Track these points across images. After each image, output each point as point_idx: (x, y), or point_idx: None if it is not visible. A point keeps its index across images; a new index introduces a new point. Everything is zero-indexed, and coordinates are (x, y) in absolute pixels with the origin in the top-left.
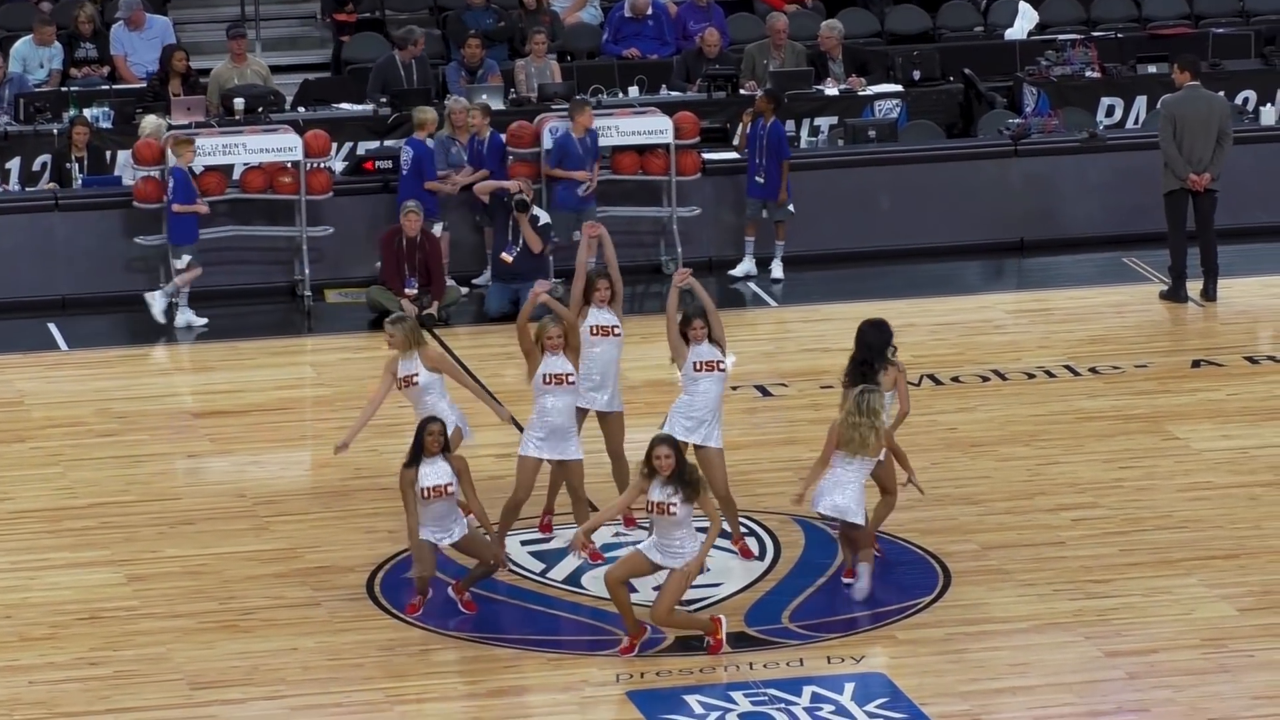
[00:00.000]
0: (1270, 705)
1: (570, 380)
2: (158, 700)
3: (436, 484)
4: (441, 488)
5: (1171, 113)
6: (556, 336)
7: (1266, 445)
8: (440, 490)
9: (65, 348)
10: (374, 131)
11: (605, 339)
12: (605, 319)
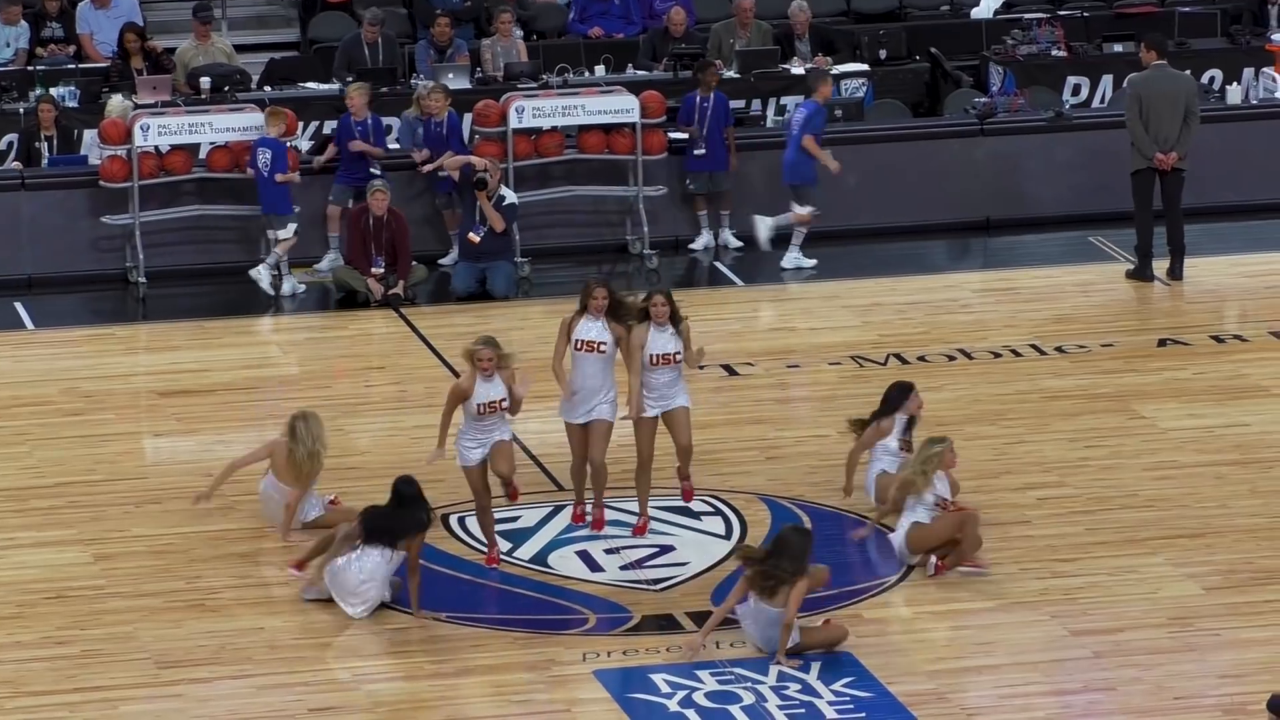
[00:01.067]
0: (1236, 684)
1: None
2: (124, 679)
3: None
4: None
5: (1138, 92)
6: (488, 359)
7: (1232, 424)
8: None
9: (32, 327)
10: (340, 110)
11: (590, 354)
12: (594, 334)
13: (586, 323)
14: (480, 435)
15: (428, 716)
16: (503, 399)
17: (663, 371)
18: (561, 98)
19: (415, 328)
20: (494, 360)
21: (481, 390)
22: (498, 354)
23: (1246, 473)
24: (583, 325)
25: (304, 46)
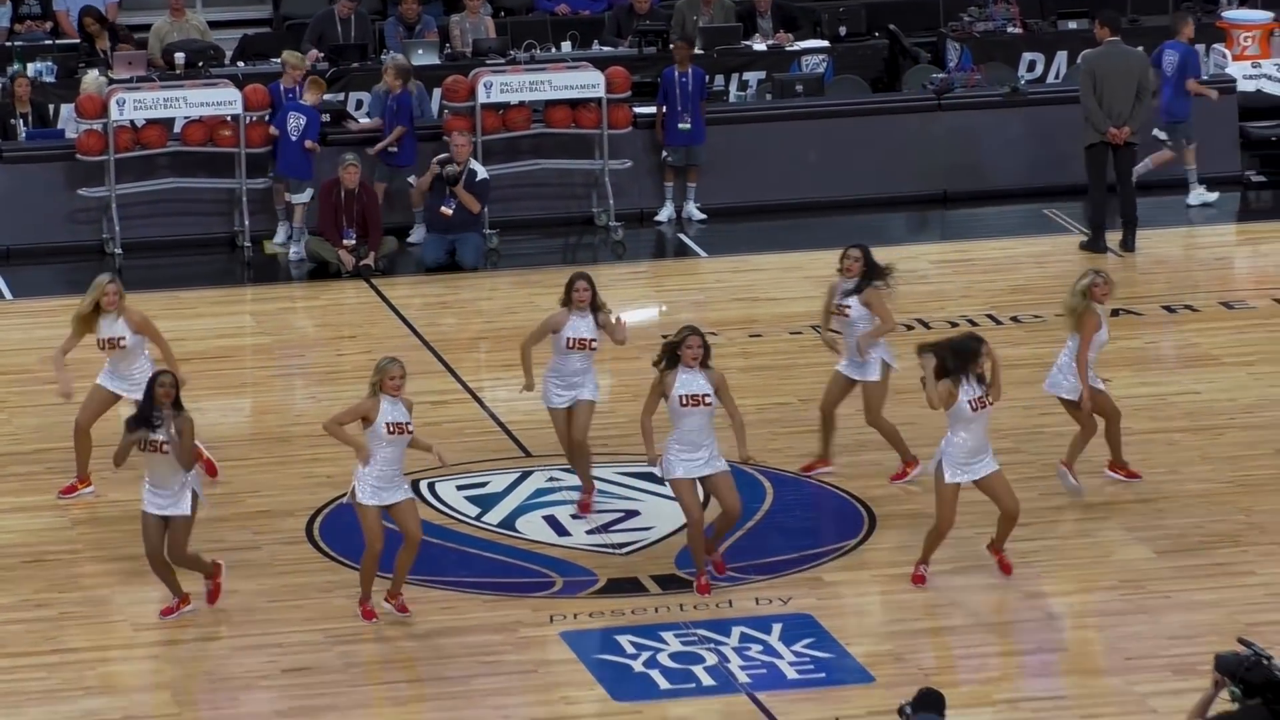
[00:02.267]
0: (1186, 645)
1: (410, 429)
2: (101, 641)
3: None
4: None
5: (1091, 68)
6: (399, 378)
7: (1183, 392)
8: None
9: (9, 297)
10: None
11: (580, 352)
12: (584, 331)
13: (576, 319)
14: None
15: (399, 675)
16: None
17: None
18: (529, 73)
19: (386, 298)
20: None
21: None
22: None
23: (1197, 439)
24: (573, 323)
25: (276, 23)
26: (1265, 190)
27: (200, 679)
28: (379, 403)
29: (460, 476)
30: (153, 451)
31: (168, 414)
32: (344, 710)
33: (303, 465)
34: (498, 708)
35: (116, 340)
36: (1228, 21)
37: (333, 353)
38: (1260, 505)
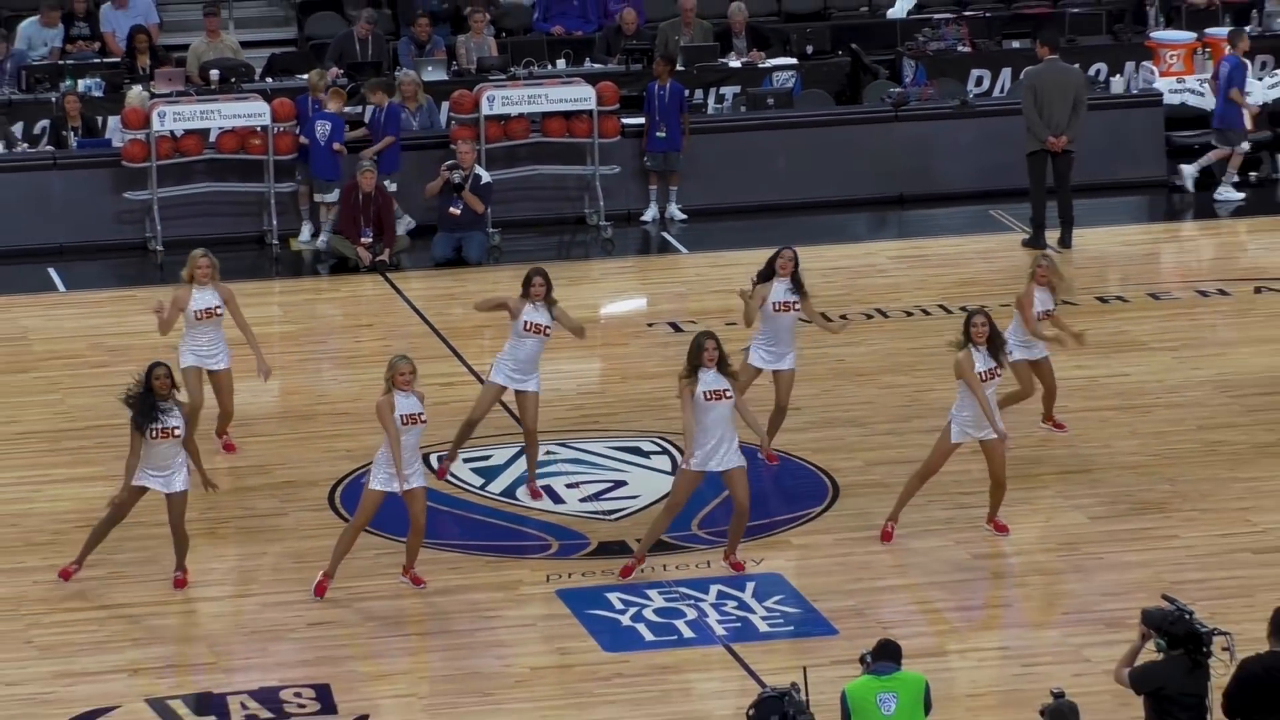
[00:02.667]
0: (1116, 600)
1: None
2: (146, 597)
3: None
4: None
5: (1033, 83)
6: (408, 373)
7: (1114, 374)
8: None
9: (63, 290)
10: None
11: (535, 336)
12: (540, 317)
13: (532, 308)
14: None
15: (412, 629)
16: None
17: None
18: (528, 88)
19: (399, 290)
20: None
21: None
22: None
23: (1126, 417)
24: (529, 309)
25: (300, 42)
26: (1188, 193)
27: (234, 631)
28: (393, 397)
29: (466, 450)
30: (164, 437)
31: (170, 402)
32: (362, 660)
33: (325, 440)
34: (500, 657)
35: (212, 309)
36: (1155, 41)
37: (352, 339)
38: (1183, 476)
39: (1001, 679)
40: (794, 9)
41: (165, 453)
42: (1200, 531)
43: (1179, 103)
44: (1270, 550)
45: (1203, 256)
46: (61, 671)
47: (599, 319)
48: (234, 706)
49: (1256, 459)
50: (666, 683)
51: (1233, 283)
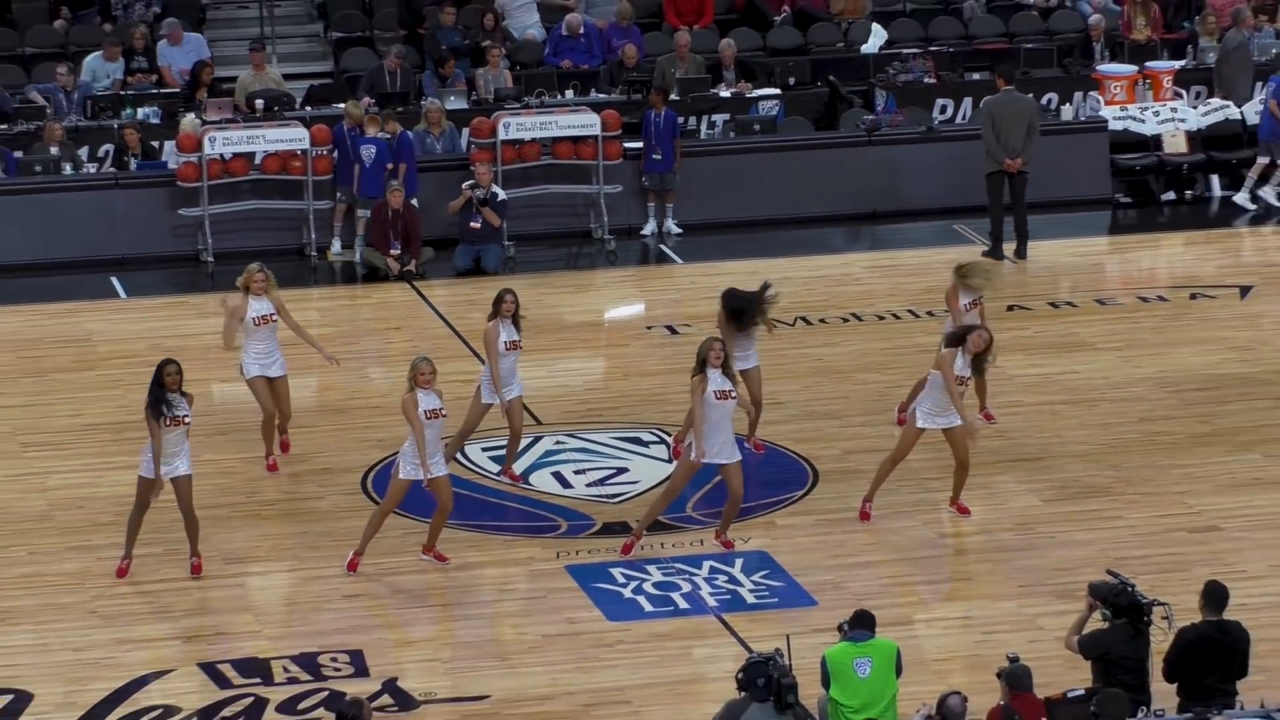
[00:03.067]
0: (1067, 575)
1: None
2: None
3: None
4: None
5: (991, 111)
6: (429, 373)
7: (1065, 372)
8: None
9: (124, 296)
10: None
11: (513, 352)
12: (513, 334)
13: (506, 327)
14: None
15: (436, 599)
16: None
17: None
18: (539, 115)
19: (425, 297)
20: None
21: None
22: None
23: (1075, 410)
24: (506, 329)
25: (336, 75)
26: (1130, 209)
27: (276, 602)
28: (416, 395)
29: (485, 441)
30: (174, 425)
31: (178, 395)
32: (391, 628)
33: (359, 431)
34: (515, 626)
35: (269, 317)
36: (1101, 74)
37: (382, 341)
38: (1127, 463)
39: (963, 645)
40: (778, 45)
41: (174, 440)
42: (1141, 513)
43: (1122, 129)
44: (1204, 529)
45: (1144, 266)
46: (122, 638)
47: (603, 322)
48: (276, 669)
49: (1192, 448)
50: (664, 649)
51: (1171, 289)
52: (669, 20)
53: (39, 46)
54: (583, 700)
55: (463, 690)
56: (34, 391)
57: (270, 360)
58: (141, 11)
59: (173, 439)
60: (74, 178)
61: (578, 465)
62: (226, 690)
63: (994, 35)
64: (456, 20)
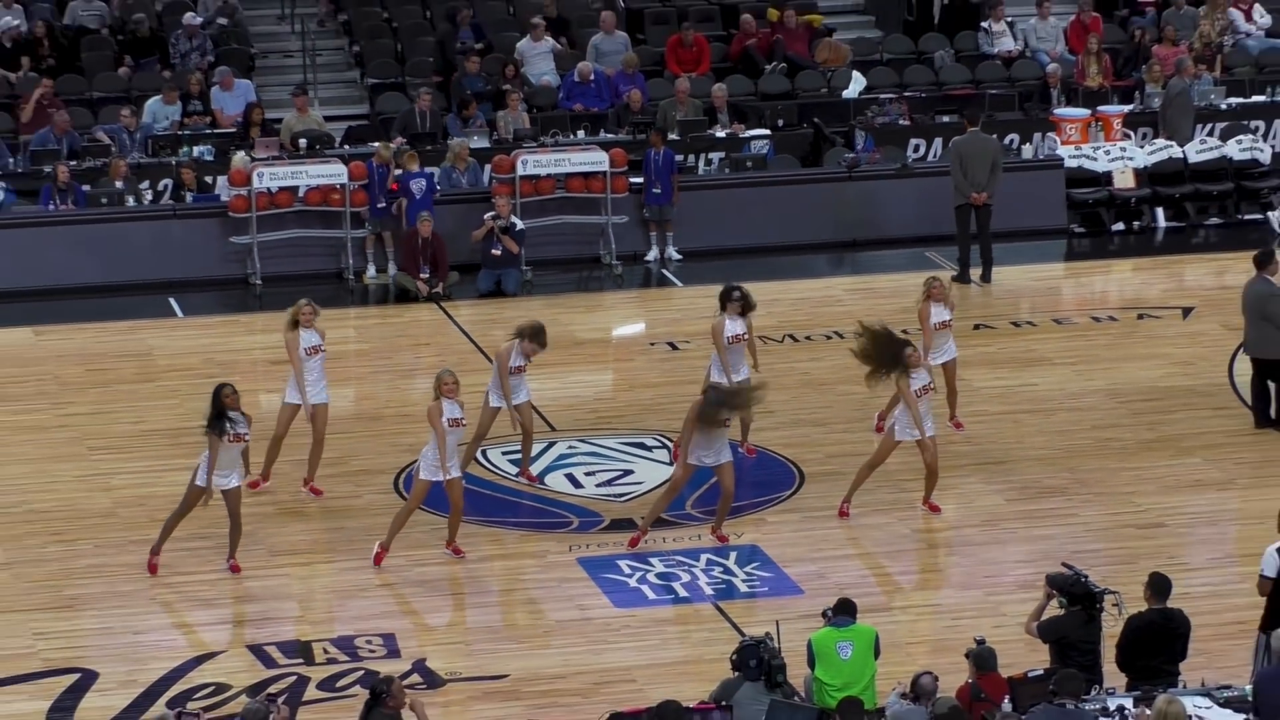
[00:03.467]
0: (1028, 567)
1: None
2: (247, 563)
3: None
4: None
5: (959, 150)
6: (451, 383)
7: (1025, 384)
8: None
9: (181, 315)
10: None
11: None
12: (520, 361)
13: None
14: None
15: (459, 588)
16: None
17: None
18: (554, 153)
19: (451, 316)
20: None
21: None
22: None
23: (1035, 419)
24: (515, 355)
25: (372, 117)
26: (1084, 239)
27: (318, 590)
28: (441, 404)
29: (504, 445)
30: (235, 441)
31: (238, 413)
32: (420, 613)
33: (391, 436)
34: (531, 611)
35: (318, 347)
36: (1057, 116)
37: (412, 356)
38: (1081, 466)
39: (934, 630)
40: (768, 90)
41: (231, 456)
42: (1095, 511)
43: (1076, 166)
44: (1151, 526)
45: (1096, 289)
46: (179, 622)
47: (611, 339)
48: (317, 651)
49: (1140, 452)
50: (665, 633)
51: (1120, 310)
52: (670, 68)
53: (105, 91)
54: (592, 679)
55: (484, 670)
56: (100, 401)
57: (315, 389)
58: (197, 60)
59: (230, 455)
60: (136, 209)
61: (588, 467)
62: (272, 669)
63: (962, 82)
64: (480, 68)
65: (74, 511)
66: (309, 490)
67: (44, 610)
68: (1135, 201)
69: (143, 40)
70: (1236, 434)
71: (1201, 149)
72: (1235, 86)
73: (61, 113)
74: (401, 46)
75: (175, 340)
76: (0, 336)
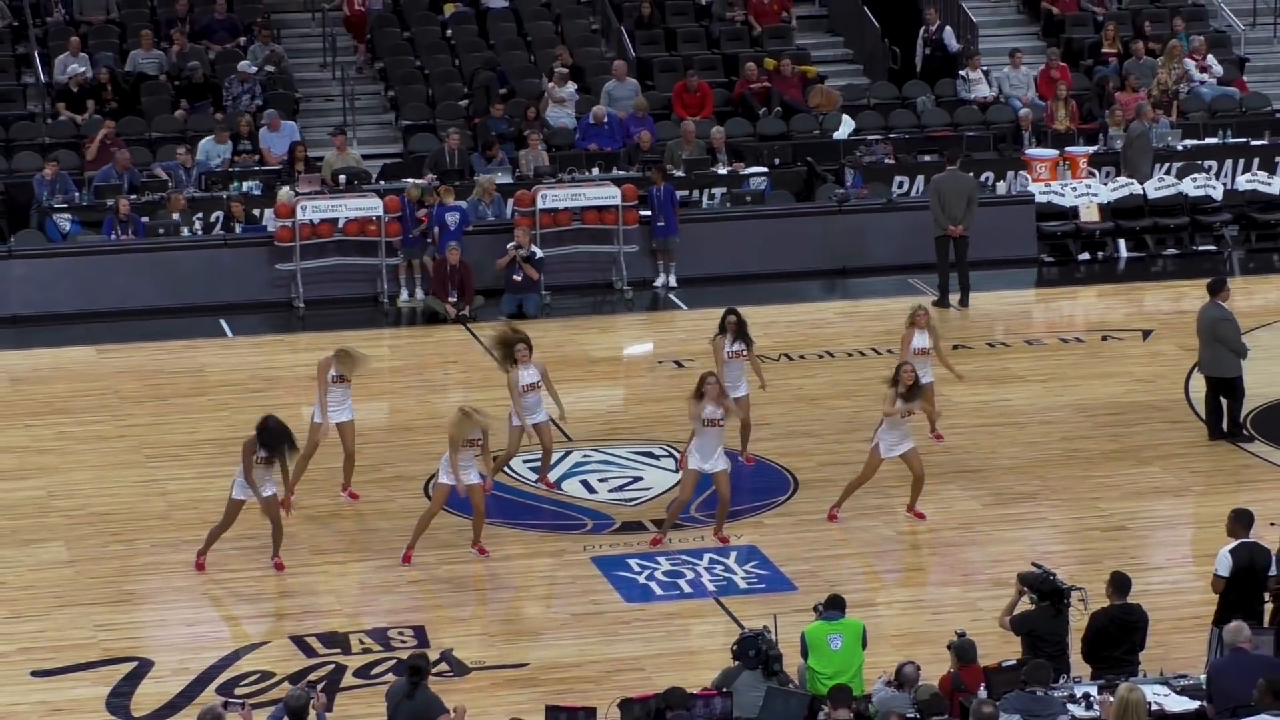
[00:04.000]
0: (1001, 566)
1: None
2: (290, 561)
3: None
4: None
5: (938, 187)
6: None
7: (1000, 399)
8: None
9: (230, 335)
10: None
11: (533, 392)
12: (531, 377)
13: (523, 371)
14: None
15: (484, 585)
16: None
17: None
18: (571, 189)
19: (477, 337)
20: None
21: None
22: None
23: (1009, 431)
24: (523, 374)
25: (405, 155)
26: (1053, 267)
27: (353, 586)
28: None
29: (525, 454)
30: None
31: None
32: (448, 608)
33: (421, 446)
34: (549, 605)
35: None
36: (1029, 156)
37: (441, 373)
38: (1051, 475)
39: (916, 624)
40: (765, 132)
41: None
42: (1062, 515)
43: (1046, 201)
44: (1114, 529)
45: (1064, 313)
46: (227, 616)
47: (622, 358)
48: (354, 641)
49: (1104, 462)
50: (671, 626)
51: (1086, 332)
52: (677, 112)
53: (162, 132)
54: (605, 668)
55: (506, 659)
56: (156, 413)
57: (341, 410)
58: (247, 103)
59: (262, 470)
60: (190, 239)
61: (601, 474)
62: (312, 659)
63: (942, 125)
64: (504, 111)
65: (132, 514)
66: (348, 495)
67: (104, 604)
68: (1099, 234)
69: (197, 86)
70: (1192, 446)
71: (1160, 186)
72: (1190, 129)
73: (123, 151)
74: (432, 91)
75: (225, 358)
76: (66, 354)
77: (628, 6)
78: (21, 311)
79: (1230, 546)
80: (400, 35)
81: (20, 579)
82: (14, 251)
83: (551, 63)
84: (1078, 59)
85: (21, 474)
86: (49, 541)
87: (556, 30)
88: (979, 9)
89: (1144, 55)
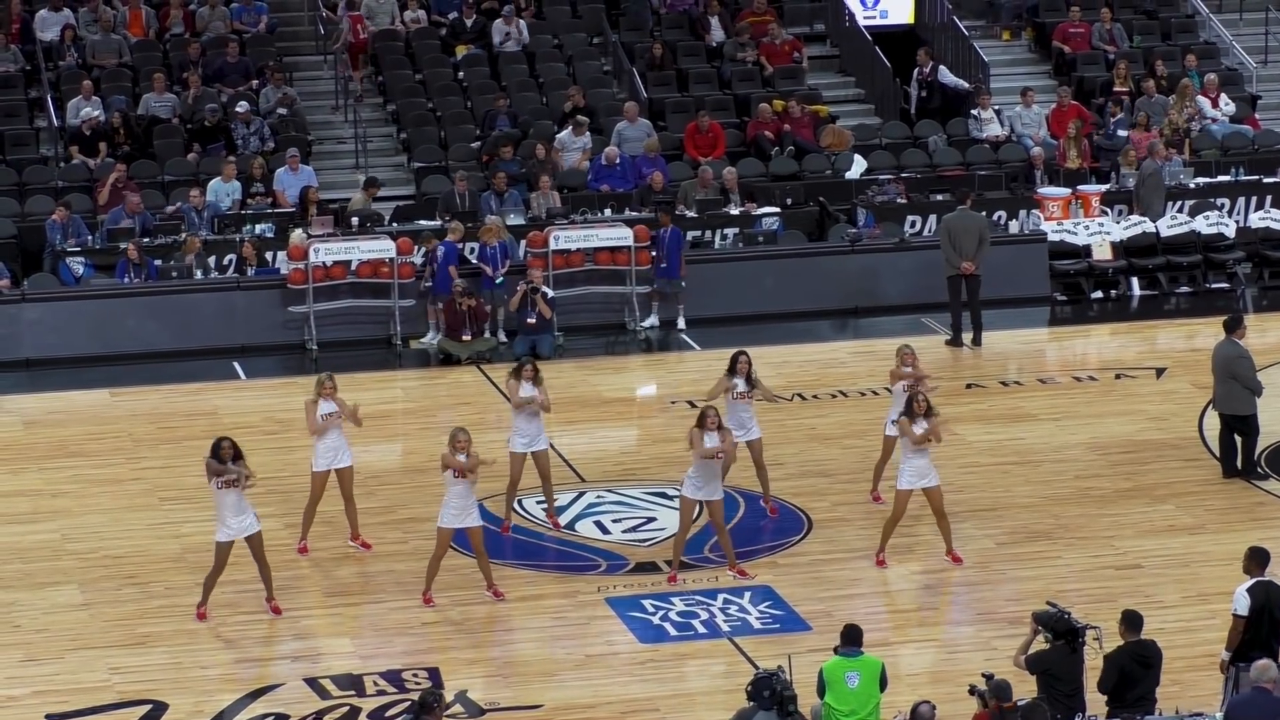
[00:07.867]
0: (1016, 605)
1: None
2: (303, 603)
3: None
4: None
5: (948, 226)
6: (463, 441)
7: (1014, 438)
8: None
9: (244, 378)
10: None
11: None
12: (529, 391)
13: (524, 385)
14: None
15: (499, 626)
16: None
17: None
18: (583, 229)
19: (489, 378)
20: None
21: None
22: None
23: (1023, 469)
24: (524, 390)
25: (417, 198)
26: (1066, 306)
27: (367, 628)
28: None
29: (538, 494)
30: (227, 487)
31: (229, 464)
32: (461, 649)
33: (435, 489)
34: (564, 646)
35: (334, 414)
36: (1041, 195)
37: (455, 414)
38: (1065, 513)
39: (932, 663)
40: (778, 172)
41: (236, 504)
42: (1077, 553)
43: (1058, 240)
44: (1128, 567)
45: (1077, 352)
46: (241, 658)
47: (635, 398)
48: (368, 683)
49: (1118, 500)
50: (686, 666)
51: (1099, 370)
52: (689, 153)
53: (175, 175)
54: (620, 708)
55: (520, 700)
56: (170, 455)
57: (339, 454)
58: (257, 145)
59: (231, 503)
60: (203, 281)
61: (615, 515)
62: (327, 700)
63: (953, 164)
64: (515, 153)
65: (147, 556)
66: (359, 545)
67: (119, 647)
68: (1112, 272)
69: (210, 129)
70: (1206, 483)
71: (1172, 224)
72: (1203, 167)
73: (134, 195)
74: (444, 133)
75: (239, 401)
76: (80, 398)
77: (639, 48)
78: (35, 355)
79: (1247, 585)
80: (412, 77)
81: (34, 622)
82: (27, 295)
83: (563, 104)
84: (1089, 98)
85: (35, 517)
86: (63, 584)
87: (569, 72)
88: (990, 48)
89: (1155, 94)
